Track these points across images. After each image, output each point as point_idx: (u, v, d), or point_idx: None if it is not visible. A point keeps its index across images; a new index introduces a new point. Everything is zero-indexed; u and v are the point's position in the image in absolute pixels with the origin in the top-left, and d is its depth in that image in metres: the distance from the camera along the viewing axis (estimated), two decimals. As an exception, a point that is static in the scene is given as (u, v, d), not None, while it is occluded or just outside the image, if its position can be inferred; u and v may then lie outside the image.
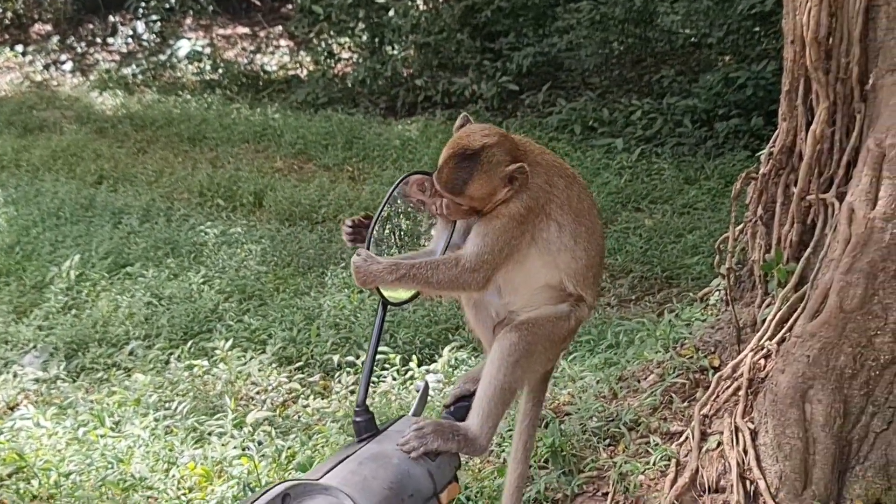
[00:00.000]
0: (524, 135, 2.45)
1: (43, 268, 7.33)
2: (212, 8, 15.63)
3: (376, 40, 13.22)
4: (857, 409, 3.51)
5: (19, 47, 16.24)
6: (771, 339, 4.01)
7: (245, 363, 5.52)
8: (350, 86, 13.02)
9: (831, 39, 3.85)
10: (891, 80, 3.58)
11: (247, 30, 16.37)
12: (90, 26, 16.76)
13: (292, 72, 14.40)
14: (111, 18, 16.55)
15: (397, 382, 5.20)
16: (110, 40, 16.37)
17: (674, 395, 4.34)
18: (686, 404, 4.28)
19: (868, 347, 3.41)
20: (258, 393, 5.35)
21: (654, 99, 10.85)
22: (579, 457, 4.16)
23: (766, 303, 4.26)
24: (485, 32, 12.51)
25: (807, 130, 4.03)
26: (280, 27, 16.13)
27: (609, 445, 4.23)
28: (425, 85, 12.27)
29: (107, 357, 5.94)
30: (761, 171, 4.36)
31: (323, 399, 5.24)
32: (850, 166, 3.86)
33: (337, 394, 5.26)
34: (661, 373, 4.56)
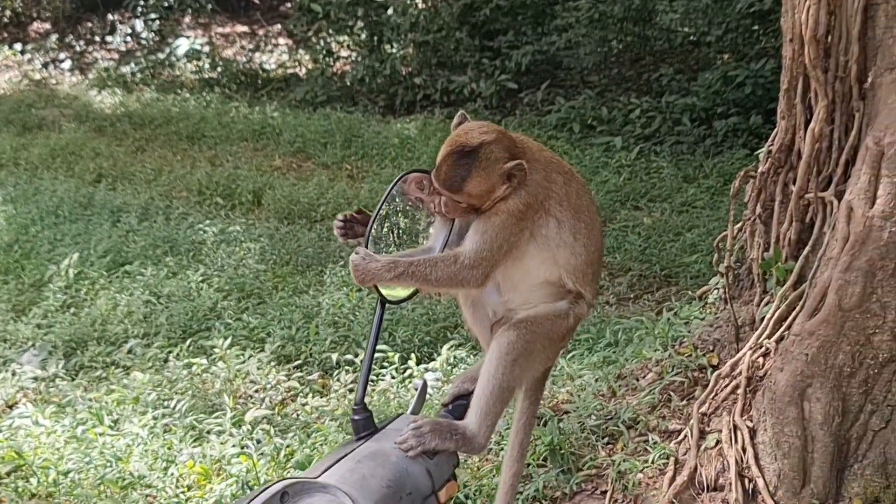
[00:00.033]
0: (523, 133, 2.44)
1: (41, 266, 7.32)
2: (210, 6, 15.61)
3: (375, 39, 13.20)
4: (855, 408, 3.52)
5: (18, 45, 16.22)
6: (769, 337, 4.01)
7: (244, 361, 5.52)
8: (349, 84, 13.00)
9: (830, 38, 3.85)
10: (889, 78, 3.58)
11: (245, 28, 16.36)
12: (89, 25, 16.74)
13: (291, 70, 14.39)
14: (110, 17, 16.53)
15: (396, 381, 5.20)
16: (109, 39, 16.35)
17: (672, 393, 4.35)
18: (685, 403, 4.28)
19: (866, 346, 3.41)
20: (257, 391, 5.35)
21: (653, 97, 10.85)
22: (578, 455, 4.16)
23: (765, 301, 4.26)
24: (483, 31, 12.50)
25: (805, 129, 4.03)
26: (279, 25, 16.12)
27: (608, 444, 4.23)
28: (424, 83, 12.26)
29: (105, 355, 5.93)
30: (760, 170, 4.36)
31: (322, 397, 5.24)
32: (848, 165, 3.86)
33: (335, 392, 5.26)
34: (659, 371, 4.56)
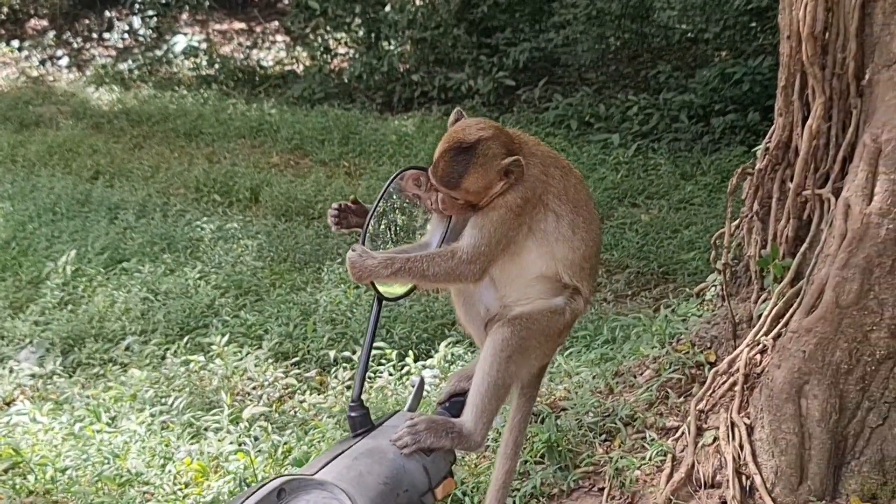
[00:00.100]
0: (520, 129, 2.44)
1: (39, 263, 7.31)
2: (208, 3, 15.60)
3: (373, 36, 13.19)
4: (852, 405, 3.52)
5: (15, 42, 16.19)
6: (767, 334, 4.02)
7: (241, 359, 5.52)
8: (346, 81, 12.99)
9: (827, 35, 3.85)
10: (887, 75, 3.58)
11: (243, 25, 16.34)
12: (86, 22, 16.71)
13: (288, 67, 14.38)
14: (107, 14, 16.50)
15: (393, 378, 5.20)
16: (106, 36, 16.32)
17: (670, 390, 4.35)
18: (682, 400, 4.29)
19: (864, 343, 3.42)
20: (254, 388, 5.35)
21: (651, 94, 10.84)
22: (575, 452, 4.16)
23: (762, 298, 4.27)
24: (481, 28, 12.49)
25: (803, 126, 4.03)
26: (276, 22, 16.11)
27: (605, 441, 4.24)
28: (422, 80, 12.26)
29: (103, 352, 5.93)
30: (757, 167, 4.37)
31: (319, 394, 5.24)
32: (846, 162, 3.86)
33: (333, 389, 5.26)
34: (657, 368, 4.57)
